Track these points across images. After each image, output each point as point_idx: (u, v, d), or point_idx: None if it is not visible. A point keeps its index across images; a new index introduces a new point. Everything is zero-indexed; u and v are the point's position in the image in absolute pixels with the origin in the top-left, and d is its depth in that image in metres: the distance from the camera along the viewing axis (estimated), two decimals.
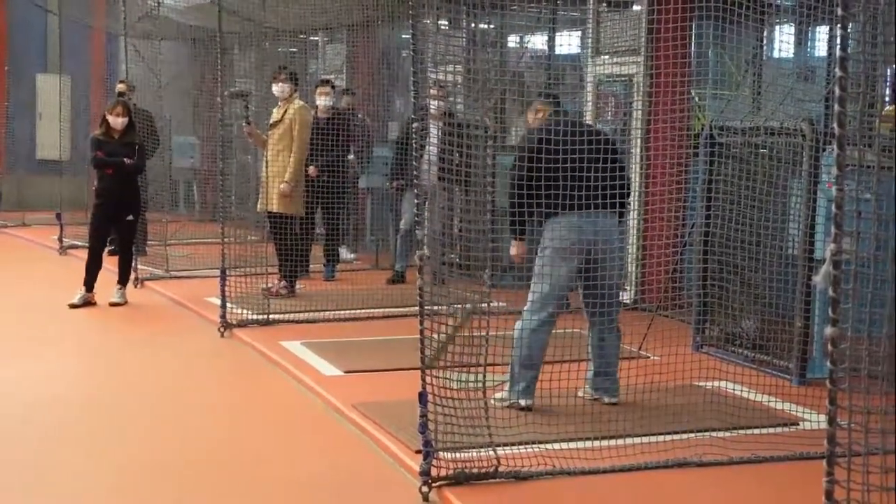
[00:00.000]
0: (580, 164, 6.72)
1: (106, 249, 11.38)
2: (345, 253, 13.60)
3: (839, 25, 3.56)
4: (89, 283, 10.92)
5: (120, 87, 13.97)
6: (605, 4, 10.88)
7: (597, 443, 6.13)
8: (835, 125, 3.62)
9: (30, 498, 5.76)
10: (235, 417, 7.39)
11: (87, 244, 11.42)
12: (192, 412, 7.51)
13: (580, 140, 6.75)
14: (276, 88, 11.06)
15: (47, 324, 10.26)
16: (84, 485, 6.01)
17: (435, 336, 5.76)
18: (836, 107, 3.60)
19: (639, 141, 9.86)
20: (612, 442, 6.15)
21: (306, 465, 6.38)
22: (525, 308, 6.98)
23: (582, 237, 6.88)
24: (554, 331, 6.99)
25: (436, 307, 5.88)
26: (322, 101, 11.98)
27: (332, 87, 12.56)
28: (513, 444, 6.00)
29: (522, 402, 6.86)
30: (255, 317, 9.91)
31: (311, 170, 11.40)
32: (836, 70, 3.62)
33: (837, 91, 3.60)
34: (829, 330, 3.61)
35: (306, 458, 6.54)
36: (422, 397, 5.69)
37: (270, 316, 9.95)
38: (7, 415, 7.24)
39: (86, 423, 7.19)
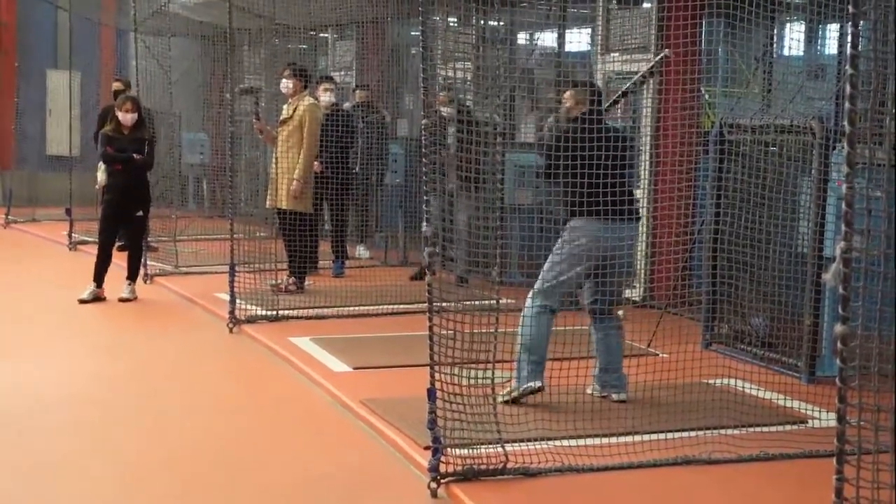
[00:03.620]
0: (611, 171, 6.73)
1: (115, 245, 11.40)
2: (361, 251, 13.61)
3: (850, 23, 3.55)
4: (99, 278, 10.94)
5: (116, 85, 13.97)
6: (614, 1, 10.87)
7: (606, 440, 6.12)
8: (845, 123, 3.61)
9: (39, 493, 5.77)
10: (244, 413, 7.40)
11: (96, 240, 11.44)
12: (201, 407, 7.52)
13: (613, 145, 6.76)
14: (282, 84, 11.09)
15: (57, 319, 10.28)
16: (92, 480, 6.02)
17: (444, 332, 5.76)
18: (847, 104, 3.59)
19: (648, 138, 9.86)
20: (621, 439, 6.16)
21: (314, 460, 6.38)
22: (531, 293, 7.01)
23: (601, 244, 6.91)
24: (563, 328, 6.99)
25: (445, 304, 5.88)
26: (325, 97, 11.98)
27: (335, 83, 12.58)
28: (521, 441, 6.01)
29: (533, 385, 6.85)
30: (264, 313, 9.93)
31: (316, 165, 11.40)
32: (847, 67, 3.61)
33: (848, 89, 3.59)
34: (838, 328, 3.60)
35: (314, 453, 6.54)
36: (430, 393, 5.69)
37: (279, 312, 9.96)
38: (16, 410, 7.25)
39: (95, 418, 7.20)
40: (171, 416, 7.29)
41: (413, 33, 14.62)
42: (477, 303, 6.45)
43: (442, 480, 5.63)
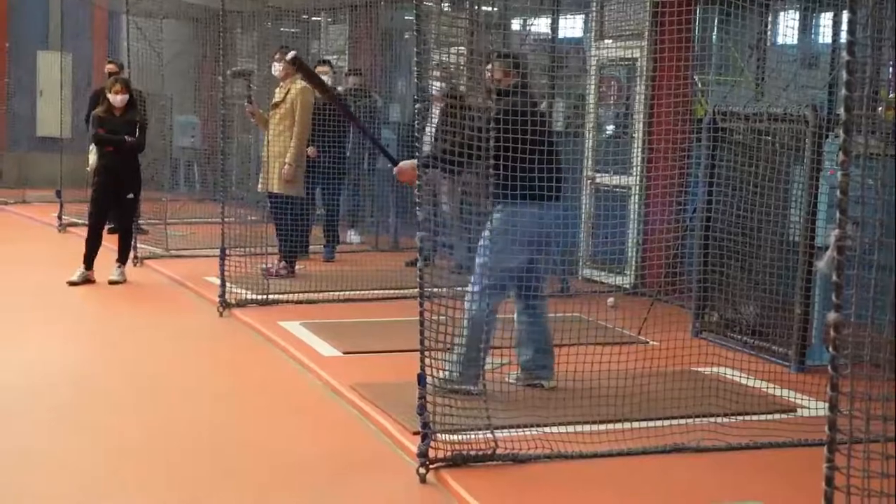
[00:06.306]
0: (547, 150, 6.47)
1: (105, 227, 11.36)
2: (353, 235, 13.57)
3: (848, 9, 3.53)
4: (89, 260, 10.91)
5: (109, 67, 13.90)
6: None
7: (595, 426, 6.13)
8: (841, 110, 3.59)
9: (23, 479, 5.75)
10: (232, 396, 7.38)
11: (86, 222, 11.42)
12: (189, 391, 7.50)
13: (541, 121, 6.51)
14: (273, 67, 11.04)
15: (46, 301, 10.25)
16: (79, 465, 6.00)
17: (435, 318, 5.74)
18: (843, 91, 3.57)
19: (641, 125, 9.85)
20: (611, 426, 6.16)
21: (303, 445, 6.37)
22: (471, 291, 6.57)
23: (542, 229, 6.63)
24: (552, 315, 6.97)
25: (436, 289, 5.86)
26: None
27: (331, 67, 12.52)
28: (511, 427, 6.00)
29: (474, 389, 6.47)
30: (254, 297, 9.91)
31: (311, 150, 11.37)
32: (843, 54, 3.59)
33: (844, 75, 3.57)
34: (831, 315, 3.59)
35: (303, 438, 6.53)
36: (420, 379, 5.68)
37: (269, 296, 9.94)
38: (2, 392, 7.22)
39: (82, 402, 7.18)
40: (158, 398, 7.27)
41: (406, 17, 14.57)
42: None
43: (431, 466, 5.63)
